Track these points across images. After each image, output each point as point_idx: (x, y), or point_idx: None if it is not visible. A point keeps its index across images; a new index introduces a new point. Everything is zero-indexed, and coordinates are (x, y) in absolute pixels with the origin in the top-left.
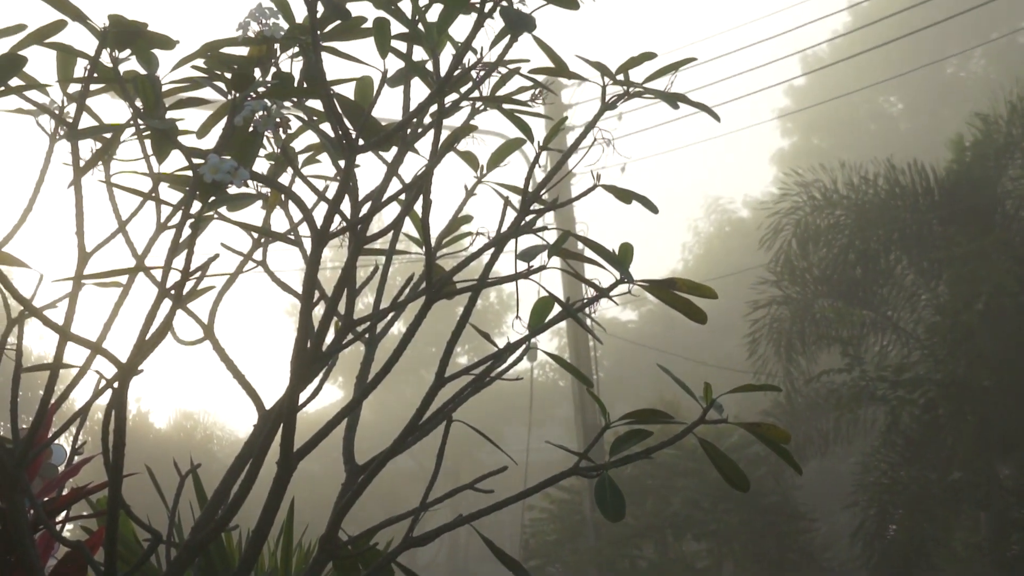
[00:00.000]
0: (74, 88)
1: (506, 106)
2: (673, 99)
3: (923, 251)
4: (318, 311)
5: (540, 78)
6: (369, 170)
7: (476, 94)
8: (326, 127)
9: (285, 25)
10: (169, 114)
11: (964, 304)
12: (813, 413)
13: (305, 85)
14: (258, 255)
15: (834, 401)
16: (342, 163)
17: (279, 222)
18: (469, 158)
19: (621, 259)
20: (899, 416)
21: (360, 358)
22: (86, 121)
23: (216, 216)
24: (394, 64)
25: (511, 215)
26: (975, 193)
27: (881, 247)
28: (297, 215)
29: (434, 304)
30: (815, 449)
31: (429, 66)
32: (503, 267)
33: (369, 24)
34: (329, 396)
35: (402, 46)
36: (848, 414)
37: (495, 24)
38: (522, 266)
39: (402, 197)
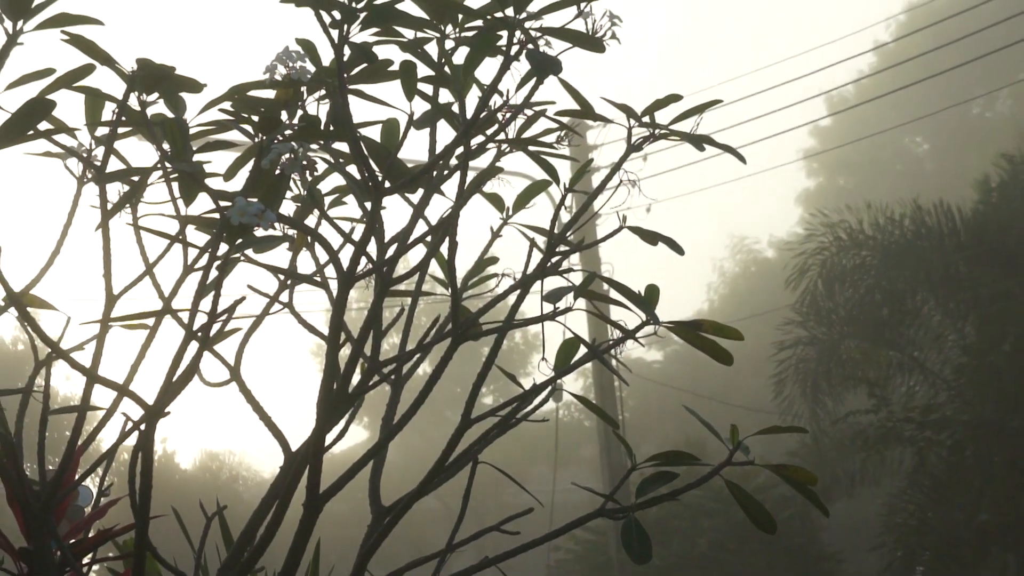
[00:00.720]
0: (102, 131)
1: (532, 148)
2: (699, 141)
3: (950, 292)
4: (344, 352)
5: (565, 120)
6: (395, 212)
7: (502, 136)
8: (352, 169)
9: (312, 68)
10: (196, 157)
11: (991, 345)
12: (839, 454)
13: (332, 128)
14: (284, 297)
15: (861, 442)
16: (368, 205)
17: (305, 264)
18: (495, 200)
19: (647, 300)
20: (926, 457)
21: (386, 399)
22: (114, 164)
23: (243, 258)
24: (420, 107)
25: (537, 257)
26: (1002, 234)
27: (908, 288)
28: (323, 257)
29: (460, 345)
30: (842, 490)
31: (455, 108)
32: (529, 308)
33: (395, 67)
34: (355, 437)
35: (428, 89)
36: (875, 455)
37: (521, 67)
38: (548, 308)
39: (428, 239)
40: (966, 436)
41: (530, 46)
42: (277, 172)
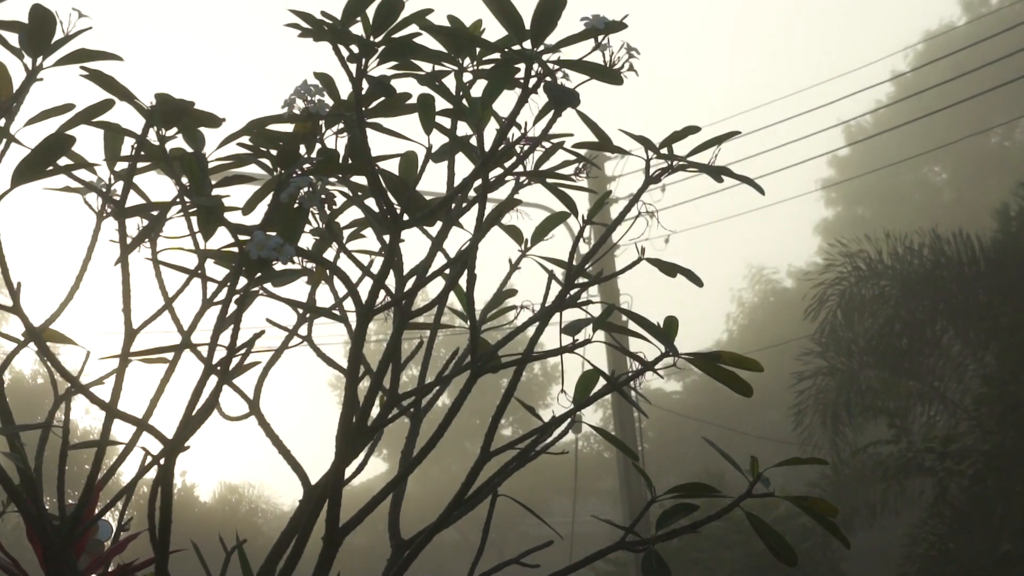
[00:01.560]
0: (121, 166)
1: (550, 180)
2: (717, 172)
3: (969, 321)
4: (363, 385)
5: (584, 152)
6: (414, 245)
7: (520, 169)
8: (371, 202)
9: (330, 102)
10: (215, 191)
11: (1011, 374)
12: (860, 484)
13: (350, 161)
14: (303, 330)
15: (881, 472)
16: (387, 238)
17: (324, 297)
18: (513, 232)
19: (666, 332)
20: (947, 487)
21: (405, 432)
22: (133, 199)
23: (262, 292)
24: (438, 139)
25: (555, 289)
26: (1021, 263)
27: (927, 317)
28: (342, 290)
29: (479, 378)
30: (862, 521)
31: (473, 141)
32: (548, 340)
33: (414, 100)
34: (374, 469)
35: (446, 122)
36: (895, 486)
37: (539, 99)
38: (567, 340)
39: (447, 271)
40: (987, 466)
41: (548, 78)
42: (296, 206)
